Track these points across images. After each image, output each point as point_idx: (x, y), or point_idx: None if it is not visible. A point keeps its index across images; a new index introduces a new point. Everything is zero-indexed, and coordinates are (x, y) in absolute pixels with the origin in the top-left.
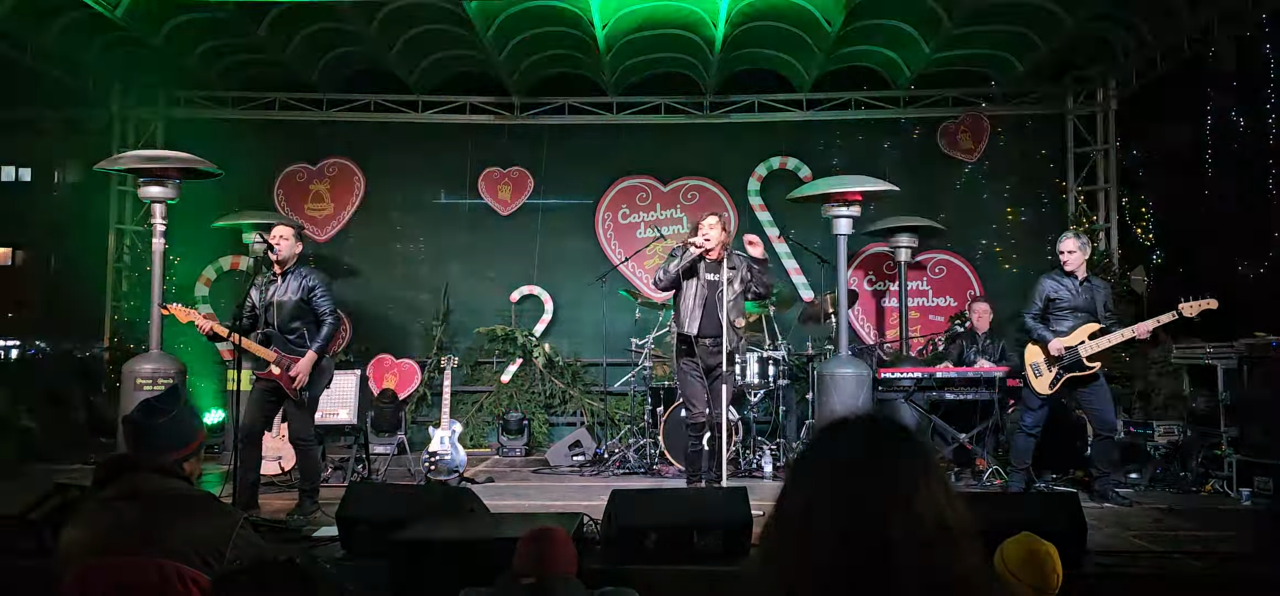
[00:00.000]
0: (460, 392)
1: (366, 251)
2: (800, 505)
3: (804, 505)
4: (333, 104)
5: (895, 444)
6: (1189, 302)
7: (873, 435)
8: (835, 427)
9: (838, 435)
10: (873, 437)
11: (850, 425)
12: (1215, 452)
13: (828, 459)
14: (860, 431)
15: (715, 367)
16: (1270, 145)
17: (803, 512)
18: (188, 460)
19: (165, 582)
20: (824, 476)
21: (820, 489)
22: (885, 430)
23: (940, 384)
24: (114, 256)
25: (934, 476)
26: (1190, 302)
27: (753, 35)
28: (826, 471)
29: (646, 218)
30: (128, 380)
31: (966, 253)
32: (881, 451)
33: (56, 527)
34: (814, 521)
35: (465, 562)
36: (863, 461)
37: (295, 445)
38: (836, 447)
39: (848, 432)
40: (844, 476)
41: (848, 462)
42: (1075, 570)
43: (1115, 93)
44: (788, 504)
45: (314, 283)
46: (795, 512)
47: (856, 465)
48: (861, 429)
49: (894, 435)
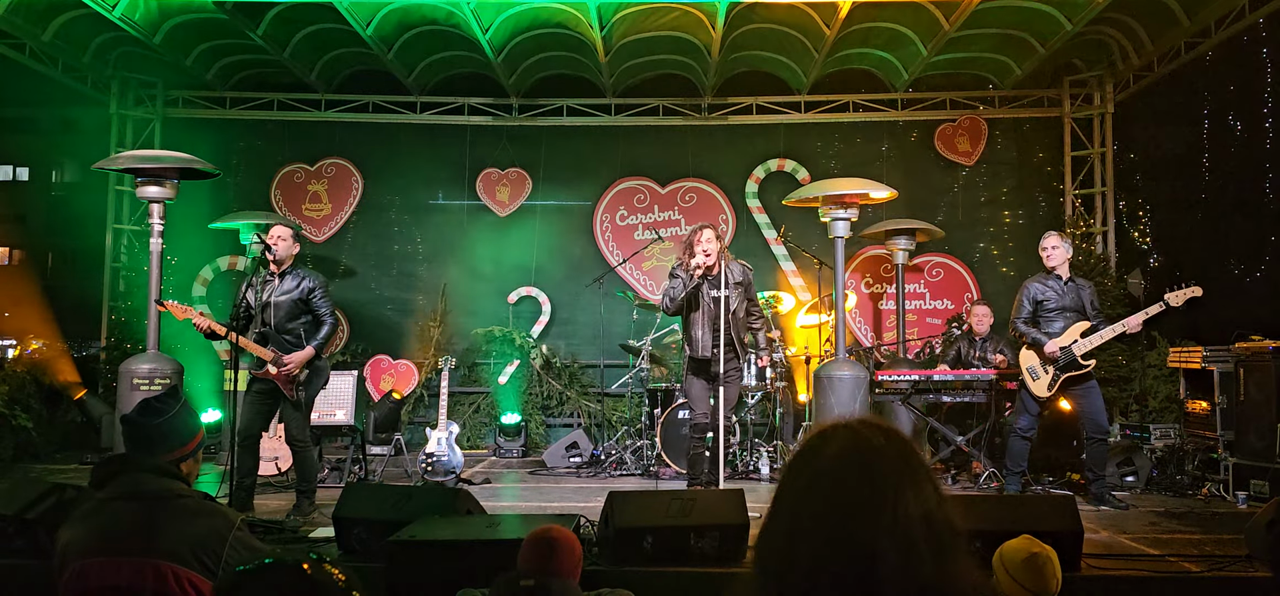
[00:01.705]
0: (457, 393)
1: (364, 252)
2: (788, 510)
3: (791, 511)
4: (331, 104)
5: (880, 448)
6: (1174, 292)
7: (858, 439)
8: (822, 433)
9: (824, 440)
10: (858, 442)
11: (836, 430)
12: (1211, 456)
13: (813, 464)
14: (845, 436)
15: (725, 373)
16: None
17: (790, 518)
18: (185, 460)
19: (161, 583)
20: (809, 482)
21: (805, 494)
22: (870, 434)
23: (937, 387)
24: (111, 256)
25: (921, 480)
26: (1176, 292)
27: (751, 38)
28: (811, 477)
29: (644, 219)
30: (125, 380)
31: (964, 255)
32: (866, 455)
33: (54, 527)
34: (800, 527)
35: (462, 564)
36: (847, 466)
37: (292, 446)
38: (822, 452)
39: (833, 437)
40: (828, 481)
41: (832, 468)
42: (1072, 573)
43: (1113, 96)
44: (777, 509)
45: (313, 284)
46: (783, 518)
47: (841, 470)
48: (847, 433)
49: (879, 439)
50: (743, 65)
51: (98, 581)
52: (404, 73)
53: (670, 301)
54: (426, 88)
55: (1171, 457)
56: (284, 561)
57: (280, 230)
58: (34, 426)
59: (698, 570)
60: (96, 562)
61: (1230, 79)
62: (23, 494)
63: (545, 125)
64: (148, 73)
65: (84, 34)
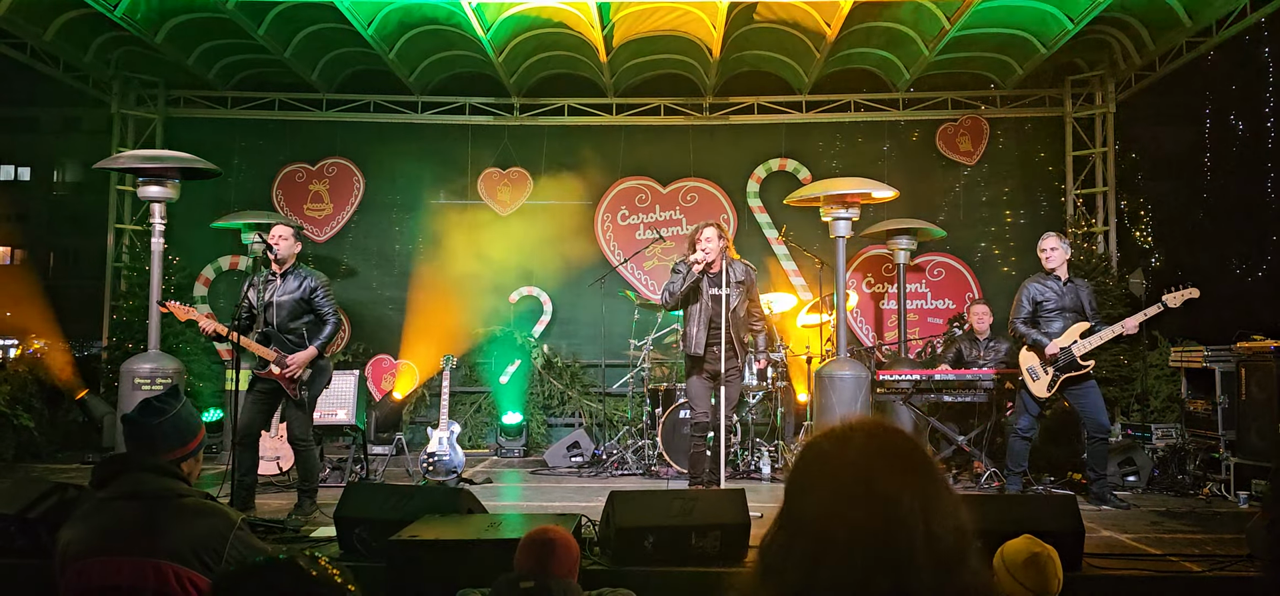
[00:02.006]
0: (459, 393)
1: (365, 252)
2: (806, 521)
3: (810, 521)
4: (332, 104)
5: (905, 452)
6: (1172, 293)
7: (880, 443)
8: (834, 435)
9: (840, 444)
10: (881, 446)
11: (852, 433)
12: (1213, 456)
13: (831, 472)
14: (863, 440)
15: (725, 372)
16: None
17: (809, 529)
18: (186, 459)
19: (162, 582)
20: (833, 488)
21: (829, 500)
22: (891, 437)
23: (938, 386)
24: (113, 256)
25: (943, 484)
26: (1173, 293)
27: (752, 37)
28: (833, 486)
29: (646, 219)
30: (126, 380)
31: (965, 255)
32: (892, 461)
33: (55, 527)
34: (823, 534)
35: (463, 564)
36: (874, 474)
37: (294, 445)
38: (842, 459)
39: (851, 441)
40: (856, 488)
41: (855, 477)
42: (1073, 573)
43: (1114, 96)
44: (789, 516)
45: (315, 284)
46: (799, 530)
47: (868, 478)
48: (864, 437)
49: (900, 442)
50: (744, 65)
51: (98, 580)
52: (405, 72)
53: (670, 296)
54: (427, 87)
55: (1173, 457)
56: (280, 559)
57: (281, 230)
58: (35, 426)
59: (699, 570)
60: (97, 562)
61: (1232, 79)
62: (24, 493)
63: (546, 125)
64: (149, 72)
65: (85, 33)
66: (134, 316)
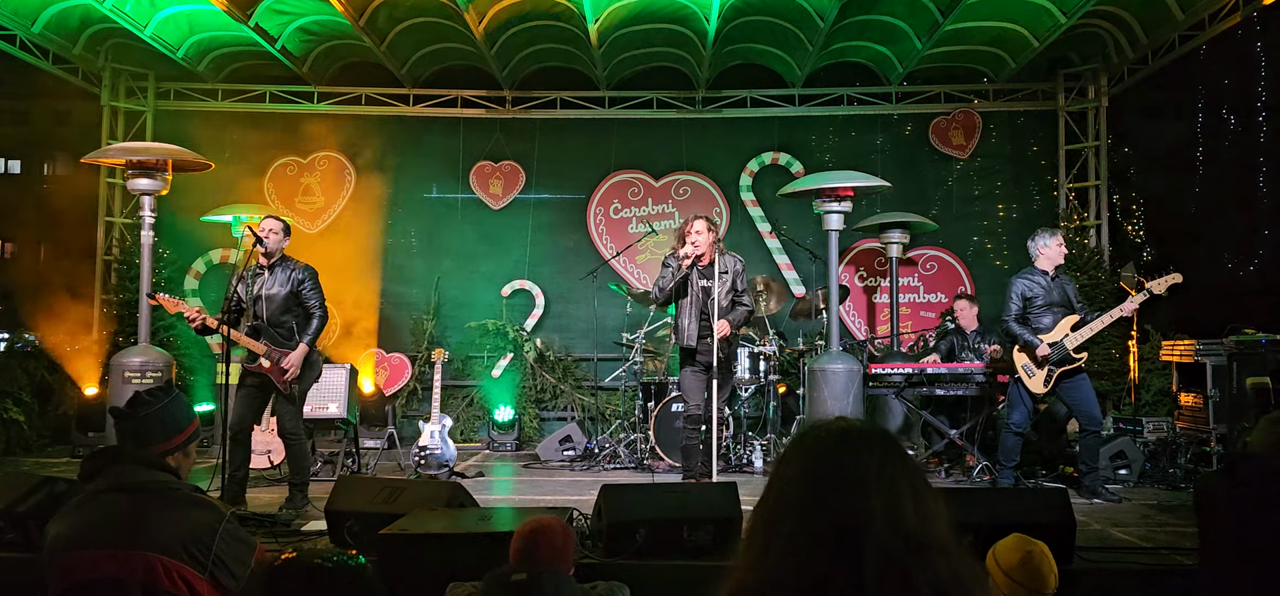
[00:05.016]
0: (451, 387)
1: (357, 245)
2: (773, 509)
3: (776, 509)
4: (323, 97)
5: (866, 427)
6: (1156, 280)
7: (843, 421)
8: (808, 433)
9: (810, 427)
10: (844, 423)
11: (821, 420)
12: (1204, 449)
13: (799, 464)
14: (831, 422)
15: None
16: (1260, 142)
17: (776, 491)
18: (176, 452)
19: (150, 575)
20: (797, 481)
21: (792, 493)
22: (855, 420)
23: (930, 380)
24: (103, 248)
25: (909, 479)
26: (1157, 280)
27: (745, 30)
28: (799, 456)
29: (638, 212)
30: (116, 373)
31: (958, 248)
32: (852, 428)
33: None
34: (786, 526)
35: (454, 557)
36: (833, 435)
37: (284, 439)
38: (808, 451)
39: (820, 423)
40: (815, 450)
41: (817, 440)
42: (1065, 566)
43: (1107, 89)
44: (762, 509)
45: (303, 276)
46: (769, 516)
47: (828, 440)
48: (833, 420)
49: (865, 438)
50: (737, 58)
51: (86, 573)
52: (397, 65)
53: (660, 291)
54: (419, 80)
55: (1164, 450)
56: (328, 560)
57: (271, 223)
58: (25, 419)
59: (691, 562)
60: (84, 555)
61: (1224, 73)
62: (13, 487)
63: (539, 118)
64: (139, 64)
65: (75, 26)
66: (124, 309)
